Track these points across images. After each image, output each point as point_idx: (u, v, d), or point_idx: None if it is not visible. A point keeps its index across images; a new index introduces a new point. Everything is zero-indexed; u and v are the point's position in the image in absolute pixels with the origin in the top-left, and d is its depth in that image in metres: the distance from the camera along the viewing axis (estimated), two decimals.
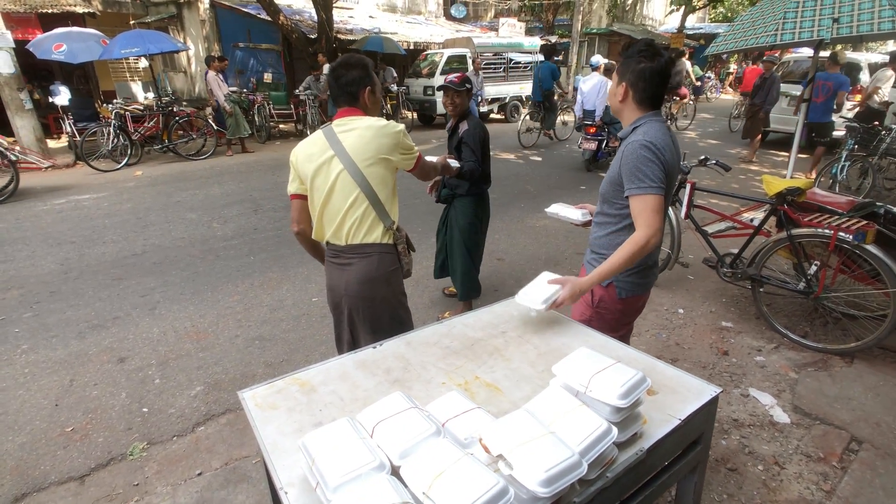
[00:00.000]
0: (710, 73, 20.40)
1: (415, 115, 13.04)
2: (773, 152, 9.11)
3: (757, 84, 7.94)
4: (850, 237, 2.65)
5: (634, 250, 1.53)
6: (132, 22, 12.19)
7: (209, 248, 4.69)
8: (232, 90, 8.90)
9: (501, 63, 13.48)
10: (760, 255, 3.12)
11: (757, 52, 6.61)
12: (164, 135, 8.63)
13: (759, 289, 3.20)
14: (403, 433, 1.02)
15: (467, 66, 12.26)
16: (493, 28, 18.07)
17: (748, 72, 12.14)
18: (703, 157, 3.47)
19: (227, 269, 4.21)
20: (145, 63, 10.57)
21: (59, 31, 8.52)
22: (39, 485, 2.09)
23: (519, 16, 21.53)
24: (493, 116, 13.40)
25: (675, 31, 19.93)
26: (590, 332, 1.66)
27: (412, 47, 13.97)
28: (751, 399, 2.58)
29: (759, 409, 2.51)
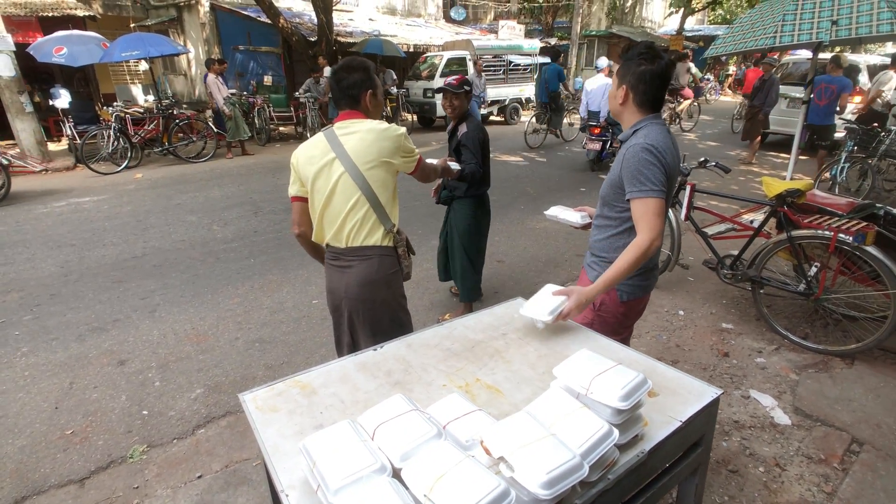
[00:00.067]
0: (709, 74, 20.43)
1: (414, 117, 13.07)
2: (773, 154, 9.13)
3: (756, 86, 7.96)
4: (850, 239, 2.65)
5: (638, 255, 1.52)
6: (132, 25, 12.24)
7: (209, 250, 4.69)
8: (231, 93, 8.92)
9: (501, 65, 13.53)
10: (760, 257, 3.12)
11: (760, 54, 6.60)
12: (164, 137, 8.65)
13: (760, 290, 3.20)
14: (404, 435, 1.02)
15: (467, 69, 12.29)
16: (493, 30, 18.13)
17: (750, 73, 12.17)
18: (702, 158, 3.47)
19: (227, 272, 4.21)
20: (145, 66, 10.59)
21: (59, 34, 8.56)
22: (39, 488, 2.09)
23: (518, 18, 21.59)
24: (492, 119, 13.43)
25: (675, 33, 20.00)
26: (590, 334, 1.66)
27: (412, 50, 14.01)
28: (751, 401, 2.58)
29: (760, 410, 2.51)
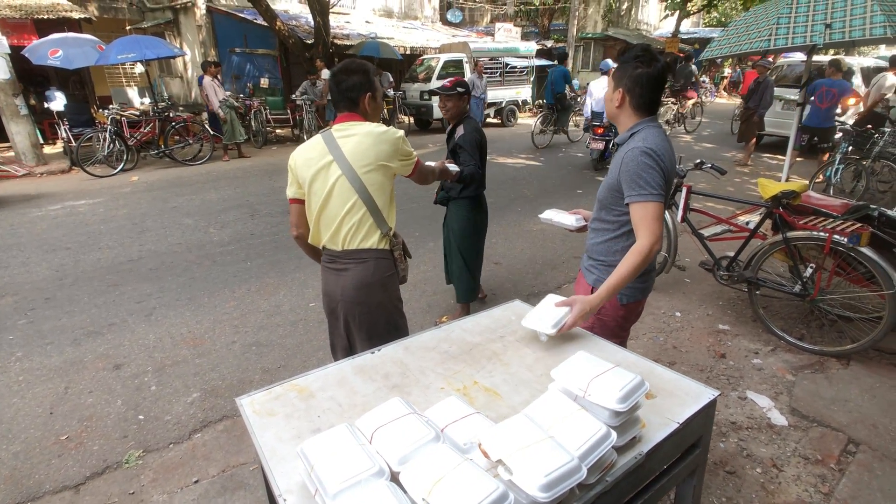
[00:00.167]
0: (704, 76, 20.56)
1: (411, 119, 13.08)
2: (769, 155, 9.18)
3: (751, 88, 8.03)
4: (845, 240, 2.67)
5: (639, 260, 1.52)
6: (128, 27, 12.20)
7: (205, 253, 4.68)
8: (227, 95, 8.91)
9: (497, 68, 13.58)
10: (756, 258, 3.14)
11: (760, 56, 6.66)
12: (160, 140, 8.62)
13: (756, 291, 3.22)
14: (402, 439, 1.01)
15: (464, 71, 12.32)
16: (490, 33, 18.20)
17: (748, 75, 12.26)
18: (698, 160, 3.49)
19: (223, 275, 4.20)
20: (141, 68, 10.57)
21: (54, 36, 8.52)
22: (34, 494, 2.07)
23: (515, 21, 21.66)
24: (489, 121, 13.46)
25: (670, 35, 20.12)
26: (588, 336, 1.66)
27: (409, 52, 14.03)
28: (748, 402, 2.59)
29: (757, 411, 2.51)
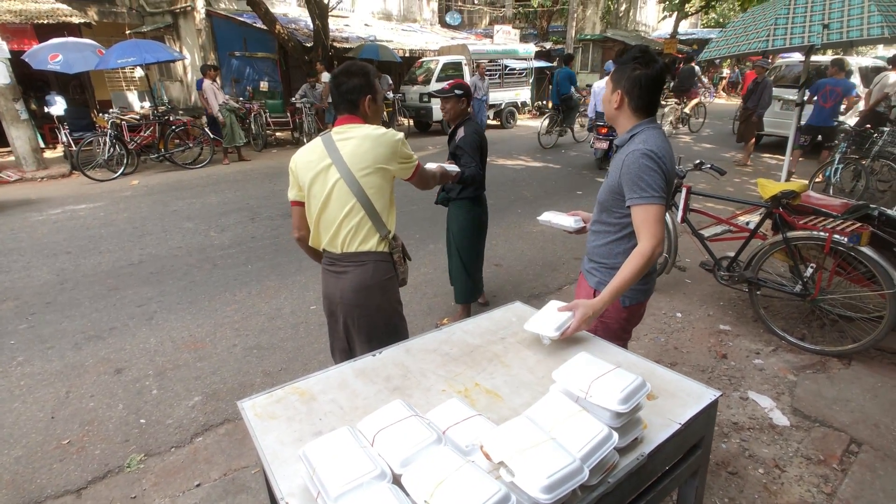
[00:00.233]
0: (703, 77, 20.57)
1: (411, 122, 13.10)
2: (768, 155, 9.19)
3: (750, 88, 8.05)
4: (845, 239, 2.67)
5: (642, 263, 1.52)
6: (128, 32, 12.24)
7: (206, 256, 4.68)
8: (227, 98, 8.92)
9: (497, 70, 13.60)
10: (757, 258, 3.14)
11: (760, 56, 6.71)
12: (160, 144, 8.64)
13: (756, 292, 3.21)
14: (404, 441, 1.01)
15: (463, 73, 12.35)
16: (488, 35, 18.23)
17: (749, 76, 12.28)
18: (698, 161, 3.49)
19: (224, 278, 4.20)
20: (141, 73, 10.59)
21: (54, 41, 8.55)
22: (35, 499, 2.07)
23: (513, 23, 21.72)
24: (489, 122, 13.48)
25: (669, 36, 20.15)
26: (589, 338, 1.66)
27: (408, 55, 14.06)
28: (750, 402, 2.59)
29: (759, 412, 2.51)
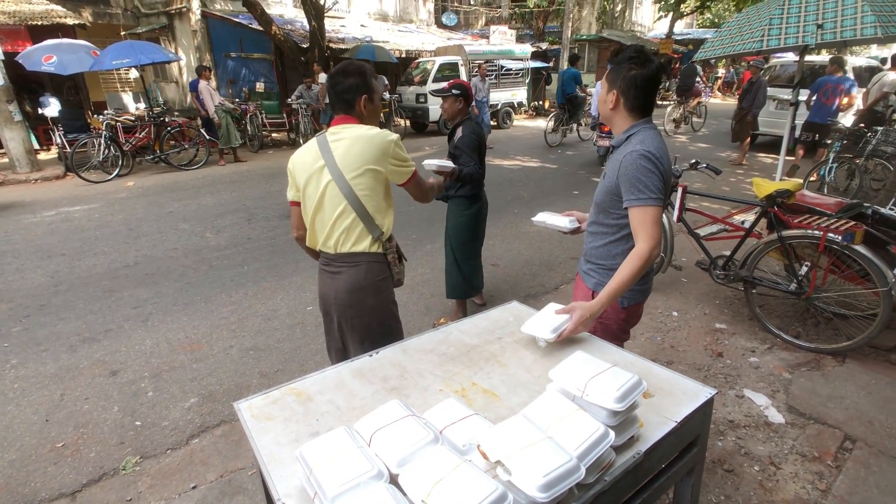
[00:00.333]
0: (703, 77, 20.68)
1: (407, 122, 13.10)
2: (763, 155, 9.24)
3: (745, 88, 8.09)
4: (839, 238, 2.69)
5: (640, 264, 1.51)
6: (123, 33, 12.18)
7: (202, 258, 4.66)
8: (222, 99, 8.90)
9: (493, 70, 13.62)
10: (752, 257, 3.15)
11: (758, 55, 6.76)
12: (155, 145, 8.60)
13: (752, 290, 3.23)
14: (401, 441, 1.01)
15: (459, 74, 12.37)
16: (484, 35, 18.26)
17: (747, 76, 12.37)
18: (693, 160, 3.50)
19: (220, 279, 4.19)
20: (136, 74, 10.55)
21: (48, 42, 8.50)
22: (30, 502, 2.06)
23: (509, 23, 21.75)
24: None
25: (664, 36, 20.22)
26: (585, 337, 1.66)
27: (404, 55, 14.06)
28: (745, 400, 2.60)
29: (754, 409, 2.52)
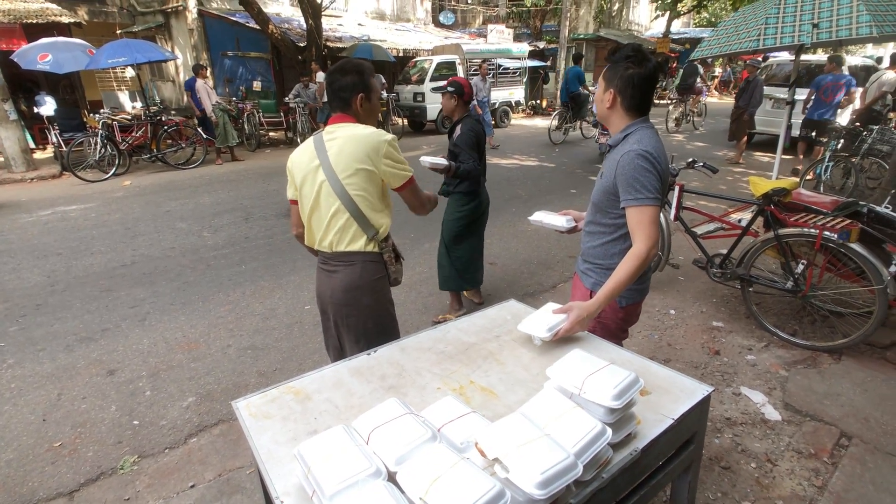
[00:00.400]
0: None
1: (405, 121, 13.10)
2: (760, 153, 9.27)
3: (742, 87, 8.12)
4: (835, 236, 2.70)
5: (637, 264, 1.51)
6: (119, 31, 12.12)
7: (200, 257, 4.65)
8: (219, 98, 8.87)
9: (490, 69, 13.60)
10: (749, 255, 3.17)
11: (762, 56, 6.81)
12: (152, 144, 8.57)
13: (749, 288, 3.24)
14: (399, 439, 1.02)
15: (456, 72, 12.37)
16: (482, 34, 18.24)
17: (746, 75, 12.43)
18: (690, 159, 3.51)
19: (218, 279, 4.18)
20: (132, 73, 10.50)
21: (44, 41, 8.45)
22: (27, 501, 2.05)
23: (507, 22, 21.73)
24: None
25: (661, 35, 20.26)
26: (583, 335, 1.66)
27: (401, 54, 14.04)
28: (742, 397, 2.61)
29: (751, 407, 2.54)
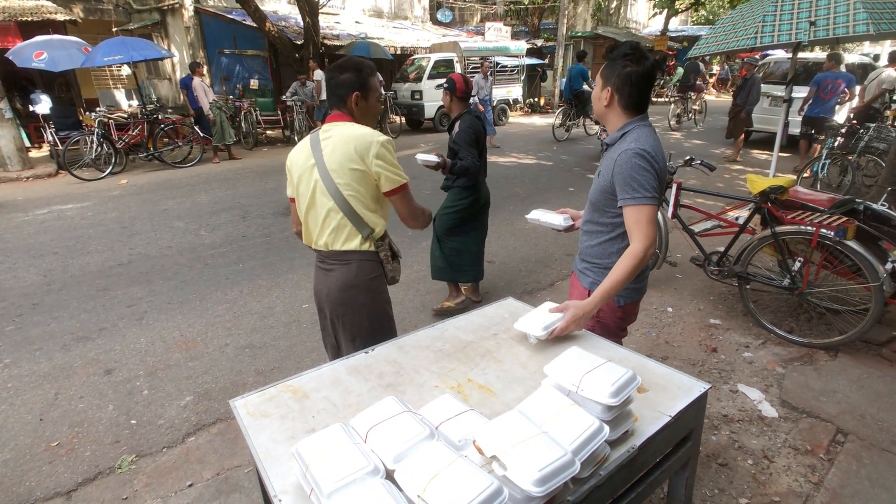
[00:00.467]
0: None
1: (403, 119, 13.07)
2: (757, 151, 9.28)
3: (739, 85, 8.15)
4: (832, 233, 2.71)
5: (634, 264, 1.51)
6: (115, 29, 12.05)
7: (197, 256, 4.64)
8: (215, 97, 8.83)
9: (490, 67, 13.59)
10: (746, 253, 3.18)
11: (759, 53, 6.84)
12: (149, 142, 8.53)
13: (746, 286, 3.25)
14: (397, 437, 1.02)
15: (454, 70, 12.36)
16: (480, 32, 18.21)
17: (745, 73, 12.48)
18: (688, 157, 3.52)
19: (215, 277, 4.17)
20: (129, 71, 10.45)
21: (39, 38, 8.39)
22: (25, 501, 2.05)
23: (504, 20, 21.69)
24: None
25: (659, 33, 20.26)
26: (580, 333, 1.67)
27: (399, 52, 14.00)
28: (739, 394, 2.62)
29: (748, 404, 2.55)
